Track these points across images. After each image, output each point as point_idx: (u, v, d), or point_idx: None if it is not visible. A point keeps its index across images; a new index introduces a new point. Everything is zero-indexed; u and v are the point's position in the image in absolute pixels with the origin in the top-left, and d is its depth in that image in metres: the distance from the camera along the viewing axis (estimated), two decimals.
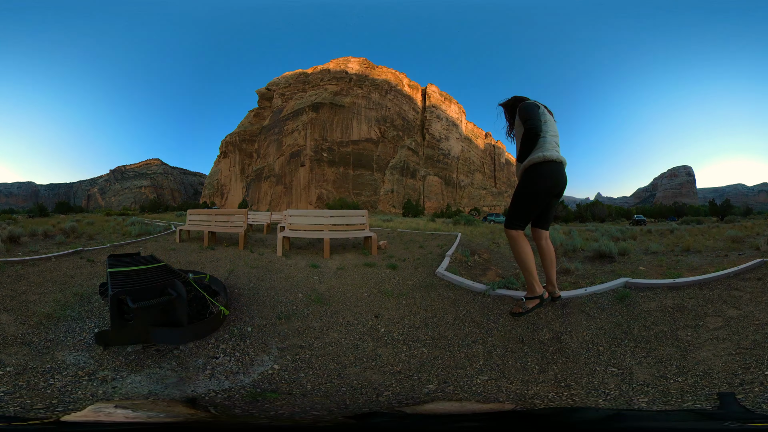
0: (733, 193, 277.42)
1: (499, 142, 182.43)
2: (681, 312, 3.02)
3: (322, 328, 3.15)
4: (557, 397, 2.02)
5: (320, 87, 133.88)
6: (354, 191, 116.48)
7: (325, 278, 4.77)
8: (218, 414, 1.62)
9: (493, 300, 3.75)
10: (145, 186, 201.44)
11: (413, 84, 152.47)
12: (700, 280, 3.70)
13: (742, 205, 63.98)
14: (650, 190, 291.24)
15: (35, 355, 2.47)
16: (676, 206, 71.83)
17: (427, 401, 2.02)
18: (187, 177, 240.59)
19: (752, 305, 2.94)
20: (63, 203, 64.00)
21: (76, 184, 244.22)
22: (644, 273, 4.71)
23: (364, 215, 7.41)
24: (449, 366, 2.47)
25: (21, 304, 3.40)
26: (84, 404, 1.91)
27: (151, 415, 1.29)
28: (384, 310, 3.60)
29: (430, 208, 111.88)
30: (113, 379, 2.21)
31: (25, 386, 2.05)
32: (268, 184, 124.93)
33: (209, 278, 3.95)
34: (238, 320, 3.25)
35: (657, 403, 1.85)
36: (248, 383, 2.27)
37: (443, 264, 5.32)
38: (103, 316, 3.22)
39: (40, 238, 8.73)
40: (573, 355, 2.53)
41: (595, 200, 71.74)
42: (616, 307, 3.29)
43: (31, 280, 4.32)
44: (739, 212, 55.14)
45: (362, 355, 2.68)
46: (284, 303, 3.77)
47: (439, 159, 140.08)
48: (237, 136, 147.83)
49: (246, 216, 8.13)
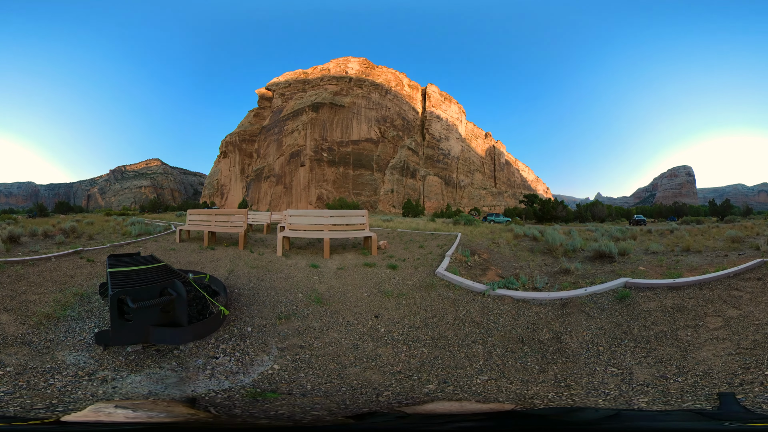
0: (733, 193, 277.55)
1: (499, 142, 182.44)
2: (681, 312, 3.02)
3: (322, 328, 3.15)
4: (557, 397, 2.02)
5: (320, 87, 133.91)
6: (354, 191, 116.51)
7: (325, 278, 4.76)
8: (218, 414, 1.62)
9: (493, 300, 3.75)
10: (145, 186, 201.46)
11: (413, 84, 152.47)
12: (700, 280, 3.70)
13: (742, 205, 64.01)
14: (650, 190, 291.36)
15: (35, 355, 2.47)
16: (676, 206, 71.86)
17: (427, 401, 2.02)
18: (187, 177, 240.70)
19: (752, 305, 2.95)
20: (63, 203, 64.01)
21: (76, 184, 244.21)
22: (644, 273, 4.70)
23: (364, 215, 7.41)
24: (449, 366, 2.47)
25: (21, 304, 3.40)
26: (84, 404, 1.91)
27: (151, 415, 1.29)
28: (384, 310, 3.60)
29: (430, 208, 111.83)
30: (113, 379, 2.21)
31: (25, 386, 2.05)
32: (268, 184, 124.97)
33: (209, 278, 3.95)
34: (238, 320, 3.25)
35: (657, 403, 1.85)
36: (248, 383, 2.27)
37: (443, 264, 5.32)
38: (103, 316, 3.22)
39: (40, 238, 8.73)
40: (573, 355, 2.53)
41: (595, 200, 71.74)
42: (616, 307, 3.29)
43: (31, 280, 4.32)
44: (739, 212, 55.15)
45: (362, 355, 2.68)
46: (284, 303, 3.77)
47: (439, 159, 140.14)
48: (237, 136, 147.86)
49: (246, 216, 8.13)
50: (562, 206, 48.72)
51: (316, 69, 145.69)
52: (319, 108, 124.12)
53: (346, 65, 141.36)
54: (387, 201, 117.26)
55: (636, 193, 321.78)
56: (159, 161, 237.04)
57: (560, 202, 51.37)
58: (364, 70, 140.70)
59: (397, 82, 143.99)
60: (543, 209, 47.17)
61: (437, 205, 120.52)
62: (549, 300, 3.64)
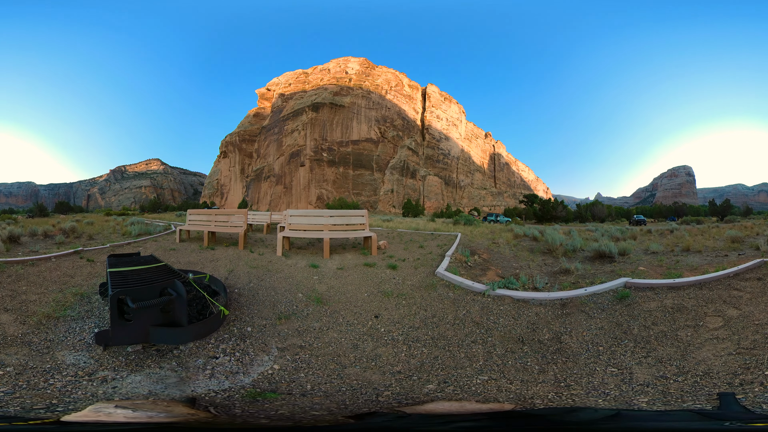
0: (733, 193, 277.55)
1: (499, 142, 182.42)
2: (681, 312, 3.02)
3: (322, 328, 3.15)
4: (557, 397, 2.02)
5: (320, 87, 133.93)
6: (354, 191, 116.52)
7: (325, 278, 4.76)
8: (218, 414, 1.62)
9: (493, 300, 3.75)
10: (145, 186, 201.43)
11: (413, 84, 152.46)
12: (700, 280, 3.70)
13: (742, 205, 64.01)
14: (650, 190, 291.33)
15: (35, 355, 2.47)
16: (676, 206, 71.85)
17: (426, 401, 2.02)
18: (187, 177, 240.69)
19: (752, 305, 2.95)
20: (63, 203, 63.99)
21: (76, 184, 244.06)
22: (644, 273, 4.70)
23: (364, 215, 7.41)
24: (449, 366, 2.47)
25: (21, 304, 3.40)
26: (84, 404, 1.91)
27: (151, 415, 1.29)
28: (384, 310, 3.60)
29: (430, 208, 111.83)
30: (113, 379, 2.21)
31: (25, 386, 2.05)
32: (268, 184, 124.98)
33: (209, 278, 3.95)
34: (238, 320, 3.25)
35: (657, 403, 1.85)
36: (248, 383, 2.27)
37: (443, 264, 5.32)
38: (103, 316, 3.22)
39: (40, 238, 8.73)
40: (573, 355, 2.53)
41: (595, 200, 71.75)
42: (616, 307, 3.29)
43: (31, 280, 4.32)
44: (739, 212, 55.15)
45: (362, 355, 2.68)
46: (284, 303, 3.77)
47: (439, 159, 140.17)
48: (237, 136, 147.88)
49: (246, 216, 8.13)
50: (562, 206, 48.72)
51: (316, 69, 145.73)
52: (319, 108, 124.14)
53: (346, 65, 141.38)
54: (387, 201, 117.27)
55: (636, 193, 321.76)
56: (159, 161, 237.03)
57: (560, 202, 51.37)
58: (364, 70, 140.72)
59: (397, 82, 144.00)
60: (543, 209, 47.17)
61: (437, 205, 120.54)
62: (549, 300, 3.64)
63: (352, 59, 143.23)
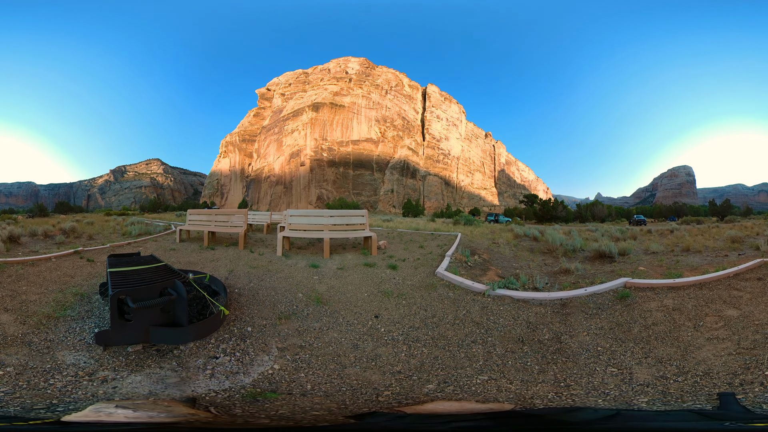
0: (733, 193, 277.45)
1: (499, 142, 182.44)
2: (681, 312, 3.02)
3: (322, 328, 3.15)
4: (557, 397, 2.02)
5: (320, 87, 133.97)
6: (354, 191, 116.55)
7: (325, 278, 4.77)
8: (218, 414, 1.62)
9: (493, 300, 3.75)
10: (145, 186, 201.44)
11: (413, 84, 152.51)
12: (700, 280, 3.70)
13: (742, 205, 63.99)
14: (650, 190, 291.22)
15: (35, 355, 2.47)
16: (676, 206, 71.85)
17: (426, 401, 2.02)
18: (187, 177, 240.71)
19: (752, 305, 2.95)
20: (63, 203, 63.97)
21: (76, 184, 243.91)
22: (644, 273, 4.70)
23: (364, 215, 7.41)
24: (449, 366, 2.47)
25: (21, 304, 3.40)
26: (84, 404, 1.91)
27: (151, 415, 1.29)
28: (384, 310, 3.60)
29: (430, 208, 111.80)
30: (113, 379, 2.21)
31: (25, 386, 2.05)
32: (268, 184, 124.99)
33: (209, 278, 3.95)
34: (238, 320, 3.25)
35: (657, 403, 1.85)
36: (248, 383, 2.27)
37: (443, 264, 5.32)
38: (103, 316, 3.22)
39: (40, 238, 8.73)
40: (573, 355, 2.53)
41: (595, 200, 71.75)
42: (616, 307, 3.29)
43: (31, 280, 4.32)
44: (739, 212, 55.13)
45: (362, 355, 2.68)
46: (284, 303, 3.77)
47: (439, 159, 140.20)
48: (237, 136, 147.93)
49: (246, 216, 8.13)
50: (562, 206, 48.71)
51: (316, 69, 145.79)
52: (319, 108, 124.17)
53: (346, 65, 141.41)
54: (387, 201, 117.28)
55: (636, 193, 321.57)
56: (159, 161, 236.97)
57: (560, 202, 51.35)
58: (364, 70, 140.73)
59: (397, 82, 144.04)
60: (543, 209, 47.16)
61: (437, 205, 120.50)
62: (549, 300, 3.64)
63: (352, 59, 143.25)
